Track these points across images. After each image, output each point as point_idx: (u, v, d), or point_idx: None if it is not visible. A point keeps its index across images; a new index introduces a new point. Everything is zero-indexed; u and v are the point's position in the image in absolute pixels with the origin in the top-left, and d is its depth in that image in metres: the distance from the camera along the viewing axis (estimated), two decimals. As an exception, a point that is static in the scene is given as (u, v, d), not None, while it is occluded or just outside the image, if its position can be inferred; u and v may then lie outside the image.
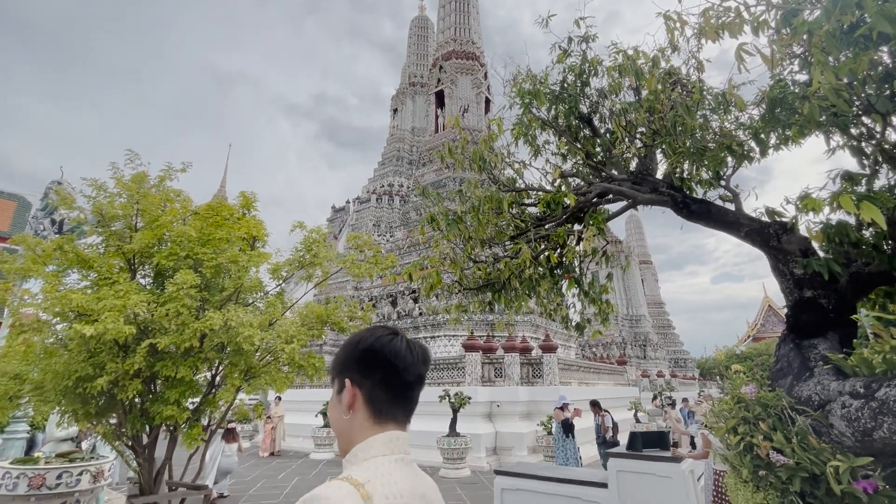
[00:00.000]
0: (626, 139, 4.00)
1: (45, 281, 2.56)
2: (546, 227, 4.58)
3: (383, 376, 0.87)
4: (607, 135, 4.32)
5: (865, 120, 2.69)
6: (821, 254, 3.22)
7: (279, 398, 13.60)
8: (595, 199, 4.49)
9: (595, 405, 8.28)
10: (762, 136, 2.91)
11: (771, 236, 3.32)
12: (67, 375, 2.47)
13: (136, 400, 2.98)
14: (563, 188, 4.33)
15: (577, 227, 4.72)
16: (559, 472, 6.33)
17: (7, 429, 7.01)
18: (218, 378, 3.25)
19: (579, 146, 4.34)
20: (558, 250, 4.82)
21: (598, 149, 4.40)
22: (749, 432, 3.06)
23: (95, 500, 5.28)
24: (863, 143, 2.76)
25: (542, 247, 4.79)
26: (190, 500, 4.17)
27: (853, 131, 2.63)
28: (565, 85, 4.22)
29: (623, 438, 10.89)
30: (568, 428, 8.60)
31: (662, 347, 43.51)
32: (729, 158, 3.30)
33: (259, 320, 2.87)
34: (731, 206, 3.69)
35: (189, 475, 3.84)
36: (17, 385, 2.73)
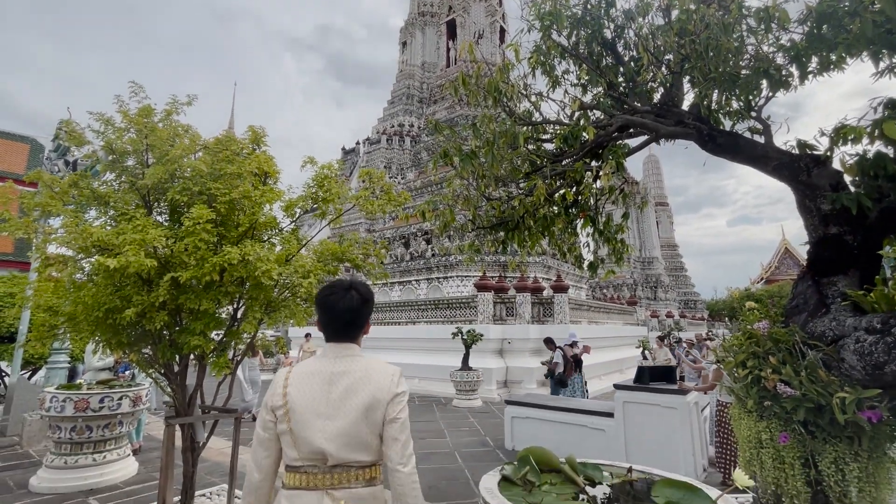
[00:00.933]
0: (652, 67, 3.74)
1: (64, 216, 2.60)
2: (563, 163, 4.43)
3: (323, 320, 1.43)
4: (631, 63, 4.04)
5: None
6: (852, 189, 3.09)
7: (309, 335, 14.28)
8: (615, 134, 4.30)
9: (549, 342, 8.54)
10: (804, 58, 2.68)
11: (801, 170, 3.17)
12: (97, 307, 2.59)
13: (164, 331, 3.12)
14: (583, 121, 4.13)
15: (594, 163, 4.56)
16: (567, 402, 6.64)
17: (49, 359, 7.52)
18: (240, 312, 3.37)
19: (601, 75, 4.08)
20: (574, 188, 4.70)
21: (620, 78, 4.13)
22: (758, 366, 3.12)
23: (136, 423, 5.75)
24: (915, 66, 2.53)
25: (558, 184, 4.67)
26: (222, 423, 4.49)
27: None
28: (588, 6, 3.89)
29: (630, 374, 11.20)
30: (577, 363, 8.89)
31: (673, 289, 43.81)
32: (764, 85, 3.07)
33: (276, 255, 2.91)
34: (761, 140, 3.50)
35: (219, 402, 4.10)
36: (51, 317, 2.88)
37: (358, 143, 44.92)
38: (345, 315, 1.41)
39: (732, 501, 1.52)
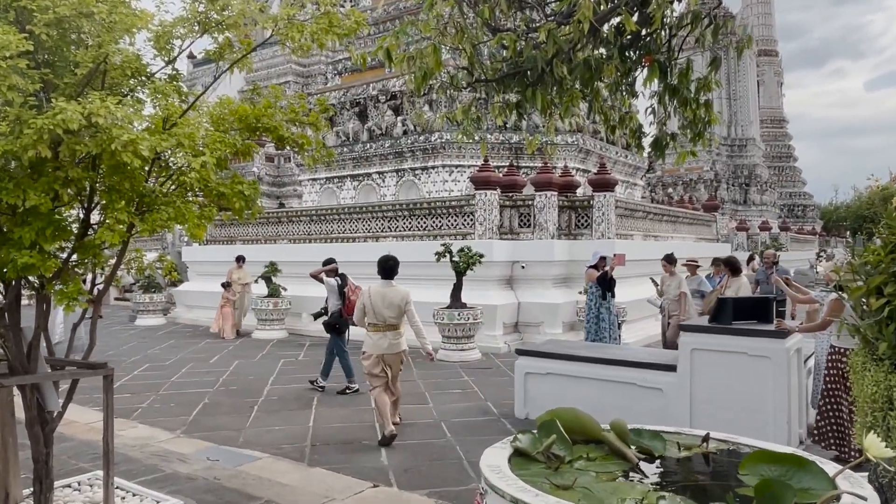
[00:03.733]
0: None
1: None
2: (621, -33, 4.14)
3: (381, 272, 6.88)
4: None
5: None
6: None
7: (242, 258, 14.15)
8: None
9: (329, 262, 8.92)
10: None
11: None
12: None
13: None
14: None
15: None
16: (605, 352, 6.92)
17: None
18: (95, 213, 3.28)
19: None
20: (636, 13, 4.45)
21: None
22: (901, 292, 3.19)
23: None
24: None
25: (610, 6, 4.42)
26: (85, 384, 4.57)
27: None
28: None
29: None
30: (606, 285, 9.12)
31: (775, 189, 44.43)
32: None
33: (149, 121, 2.76)
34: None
35: (77, 353, 4.13)
36: None
37: (278, -54, 41.93)
38: (389, 270, 6.77)
39: (858, 479, 1.59)
